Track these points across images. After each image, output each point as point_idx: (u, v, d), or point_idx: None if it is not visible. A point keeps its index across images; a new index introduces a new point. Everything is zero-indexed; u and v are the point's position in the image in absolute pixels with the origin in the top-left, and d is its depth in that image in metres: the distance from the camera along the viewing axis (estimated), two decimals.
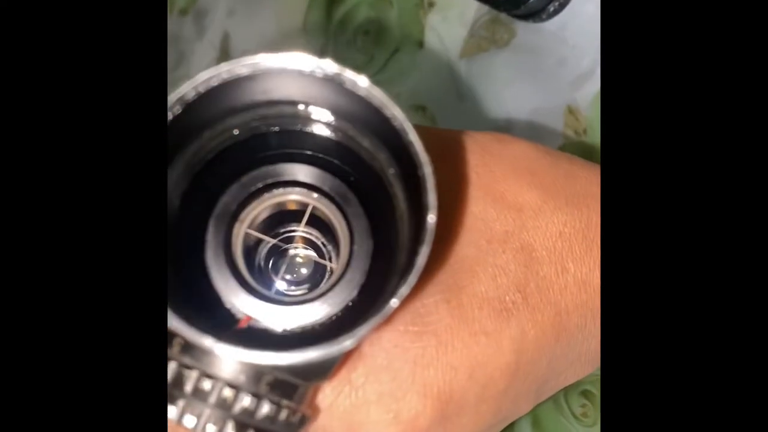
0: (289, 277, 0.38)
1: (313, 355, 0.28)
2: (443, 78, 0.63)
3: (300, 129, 0.34)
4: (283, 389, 0.31)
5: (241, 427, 0.30)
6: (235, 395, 0.30)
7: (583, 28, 0.56)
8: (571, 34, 0.57)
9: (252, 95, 0.32)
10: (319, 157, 0.35)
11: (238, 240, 0.35)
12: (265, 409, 0.30)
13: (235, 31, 0.75)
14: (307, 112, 0.34)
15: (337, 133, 0.34)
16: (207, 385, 0.30)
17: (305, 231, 0.38)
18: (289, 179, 0.35)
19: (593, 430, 0.55)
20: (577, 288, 0.38)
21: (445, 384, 0.35)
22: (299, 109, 0.34)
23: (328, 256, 0.38)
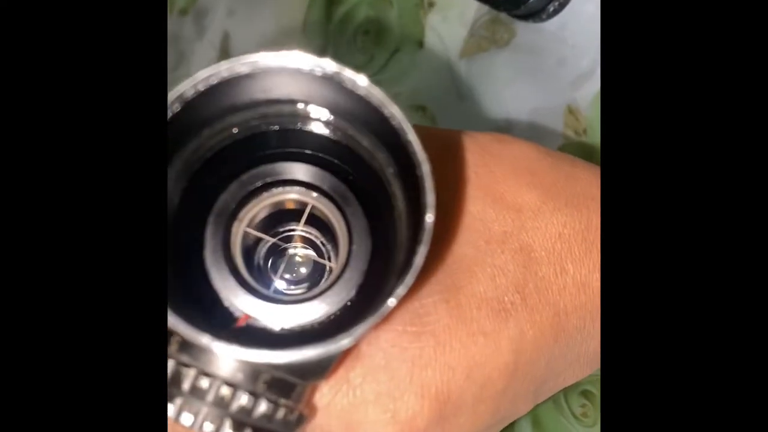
0: (288, 276, 0.38)
1: (311, 354, 0.28)
2: (443, 78, 0.63)
3: (299, 128, 0.34)
4: (281, 388, 0.31)
5: (238, 425, 0.30)
6: (232, 393, 0.30)
7: (583, 28, 0.56)
8: (571, 34, 0.57)
9: (251, 94, 0.32)
10: (318, 156, 0.35)
11: (237, 239, 0.35)
12: (263, 407, 0.30)
13: (235, 31, 0.75)
14: (306, 111, 0.34)
15: (337, 132, 0.34)
16: (204, 384, 0.30)
17: (304, 230, 0.38)
18: (288, 178, 0.35)
19: (593, 430, 0.55)
20: (576, 289, 0.38)
21: (442, 384, 0.35)
22: (298, 108, 0.33)
23: (326, 256, 0.38)
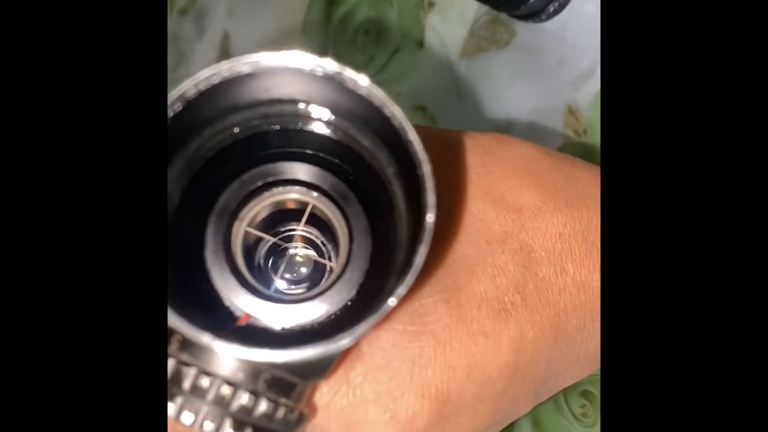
0: (289, 276, 0.38)
1: (311, 353, 0.28)
2: (443, 78, 0.63)
3: (300, 128, 0.34)
4: (281, 387, 0.31)
5: (238, 424, 0.30)
6: (233, 393, 0.30)
7: (583, 28, 0.56)
8: (571, 34, 0.57)
9: (253, 93, 0.32)
10: (319, 156, 0.35)
11: (238, 238, 0.35)
12: (263, 406, 0.30)
13: (235, 31, 0.75)
14: (307, 111, 0.34)
15: (337, 132, 0.34)
16: (205, 383, 0.30)
17: (305, 230, 0.38)
18: (289, 178, 0.35)
19: (593, 431, 0.55)
20: (576, 289, 0.38)
21: (442, 384, 0.35)
22: (300, 108, 0.33)
23: (327, 255, 0.38)
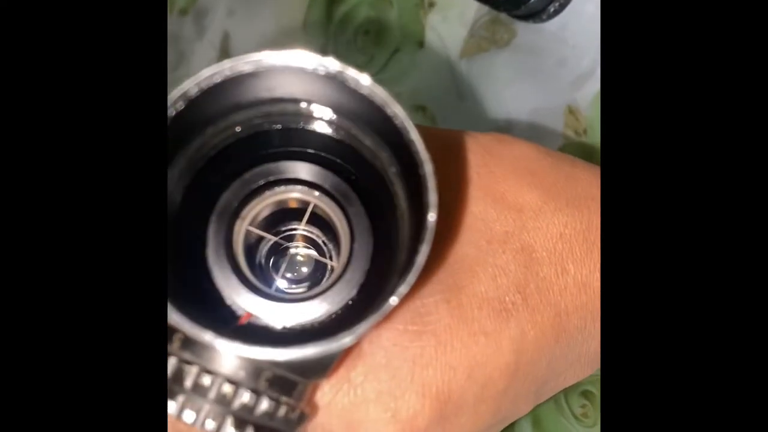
0: (290, 276, 0.38)
1: (312, 352, 0.28)
2: (443, 78, 0.63)
3: (302, 127, 0.34)
4: (283, 386, 0.31)
5: (240, 422, 0.30)
6: (234, 391, 0.30)
7: (584, 28, 0.56)
8: (572, 34, 0.57)
9: (254, 92, 0.32)
10: (320, 156, 0.35)
11: (239, 237, 0.35)
12: (264, 405, 0.30)
13: (235, 31, 0.75)
14: (309, 110, 0.34)
15: (339, 132, 0.34)
16: (207, 381, 0.30)
17: (306, 229, 0.38)
18: (290, 177, 0.35)
19: (593, 431, 0.55)
20: (577, 289, 0.38)
21: (443, 384, 0.35)
22: (301, 107, 0.33)
23: (328, 255, 0.38)
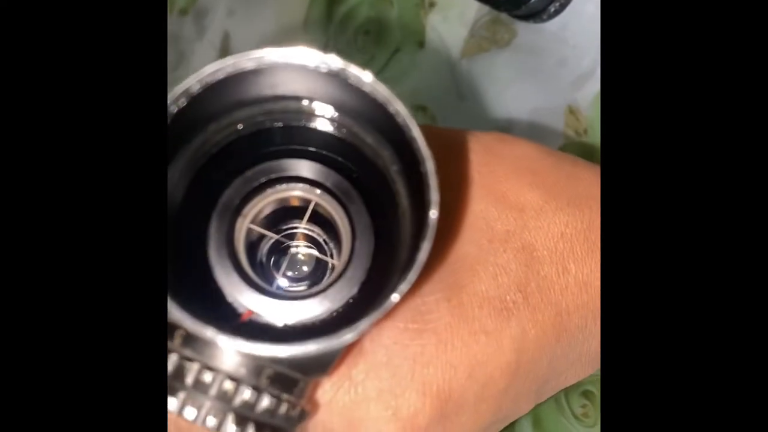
0: (291, 274, 0.38)
1: (314, 348, 0.28)
2: (444, 78, 0.63)
3: (304, 125, 0.34)
4: (284, 383, 0.31)
5: (241, 419, 0.30)
6: (235, 388, 0.30)
7: (584, 28, 0.56)
8: (572, 34, 0.57)
9: (257, 90, 0.32)
10: (322, 154, 0.35)
11: (241, 235, 0.35)
12: (265, 402, 0.30)
13: (235, 31, 0.75)
14: (311, 108, 0.34)
15: (341, 130, 0.34)
16: (208, 378, 0.30)
17: (307, 228, 0.38)
18: (292, 175, 0.35)
19: (594, 431, 0.55)
20: (578, 289, 0.38)
21: (444, 382, 0.35)
22: (303, 105, 0.33)
23: (329, 253, 0.38)
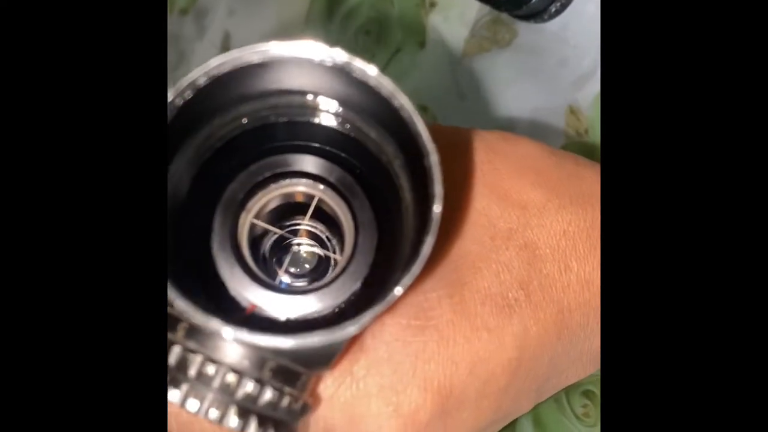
0: (293, 270, 0.38)
1: (318, 340, 0.28)
2: (445, 78, 0.63)
3: (308, 120, 0.34)
4: (286, 376, 0.31)
5: (243, 412, 0.30)
6: (238, 380, 0.30)
7: (585, 28, 0.56)
8: (573, 34, 0.57)
9: (262, 84, 0.32)
10: (326, 149, 0.35)
11: (244, 229, 0.35)
12: (268, 395, 0.30)
13: (236, 31, 0.75)
14: (315, 103, 0.34)
15: (345, 125, 0.34)
16: (211, 370, 0.30)
17: (310, 224, 0.38)
18: (296, 170, 0.35)
19: (594, 431, 0.55)
20: (580, 287, 0.38)
21: (445, 378, 0.35)
22: (308, 99, 0.33)
23: (332, 250, 0.38)
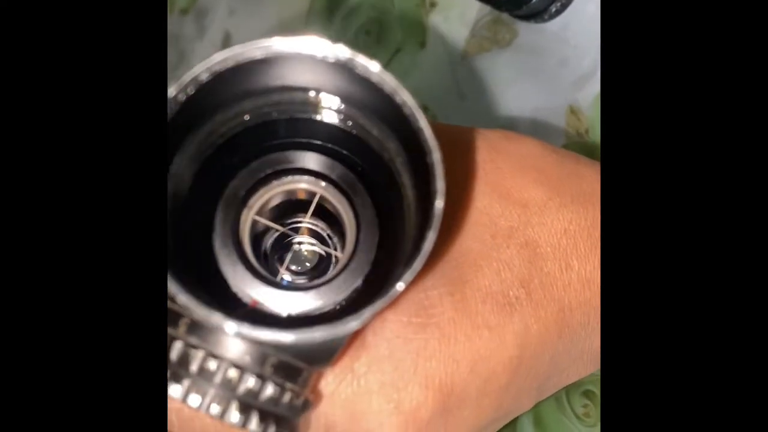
0: (294, 267, 0.38)
1: (320, 335, 0.28)
2: (445, 78, 0.63)
3: (310, 117, 0.34)
4: (288, 372, 0.31)
5: (244, 407, 0.30)
6: (239, 376, 0.30)
7: (585, 28, 0.56)
8: (573, 34, 0.57)
9: (264, 80, 0.32)
10: (328, 147, 0.35)
11: (246, 226, 0.35)
12: (269, 390, 0.30)
13: (236, 31, 0.75)
14: (317, 99, 0.34)
15: (347, 122, 0.34)
16: (212, 365, 0.30)
17: (311, 222, 0.38)
18: (298, 167, 0.35)
19: (595, 430, 0.55)
20: (581, 285, 0.38)
21: (446, 376, 0.35)
22: (310, 96, 0.33)
23: (333, 247, 0.38)
